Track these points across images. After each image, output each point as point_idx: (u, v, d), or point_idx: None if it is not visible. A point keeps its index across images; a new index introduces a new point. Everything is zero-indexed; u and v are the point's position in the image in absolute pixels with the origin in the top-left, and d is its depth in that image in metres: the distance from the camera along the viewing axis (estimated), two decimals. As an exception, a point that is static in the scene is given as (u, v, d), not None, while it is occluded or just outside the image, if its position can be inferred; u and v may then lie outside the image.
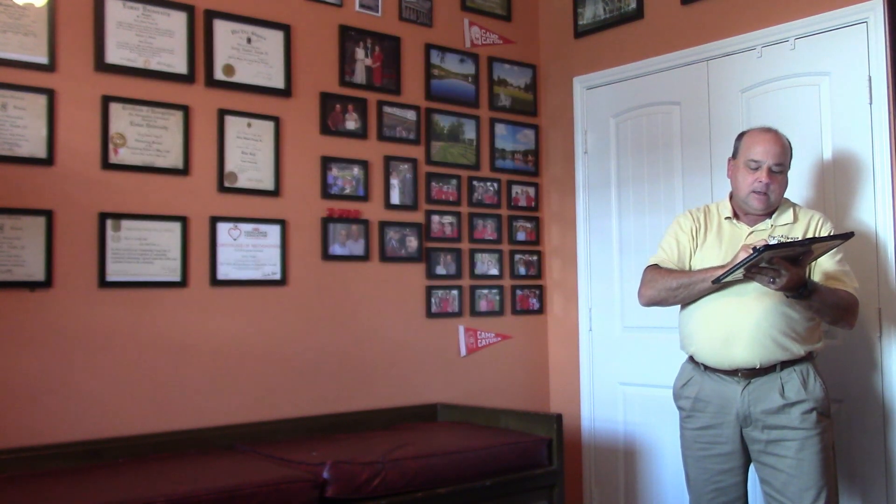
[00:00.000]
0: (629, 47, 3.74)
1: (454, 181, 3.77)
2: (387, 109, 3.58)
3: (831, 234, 2.52)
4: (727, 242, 2.61)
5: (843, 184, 3.02)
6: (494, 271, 3.89)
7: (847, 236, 2.33)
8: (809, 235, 2.54)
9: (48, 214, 2.74)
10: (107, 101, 2.88)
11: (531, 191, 4.06)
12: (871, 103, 2.94)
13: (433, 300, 3.67)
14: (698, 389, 2.61)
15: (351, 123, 3.47)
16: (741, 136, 2.67)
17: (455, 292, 3.74)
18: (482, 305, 3.84)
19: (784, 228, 2.58)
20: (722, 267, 2.44)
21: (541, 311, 4.07)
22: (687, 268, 2.66)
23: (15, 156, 2.70)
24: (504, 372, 3.91)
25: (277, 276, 3.23)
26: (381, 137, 3.55)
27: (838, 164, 3.03)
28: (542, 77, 4.14)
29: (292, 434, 3.16)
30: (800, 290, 2.34)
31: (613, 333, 3.79)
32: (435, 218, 3.70)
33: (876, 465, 2.90)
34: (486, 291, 3.86)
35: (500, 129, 3.97)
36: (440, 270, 3.70)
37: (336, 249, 3.39)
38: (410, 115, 3.66)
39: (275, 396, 3.19)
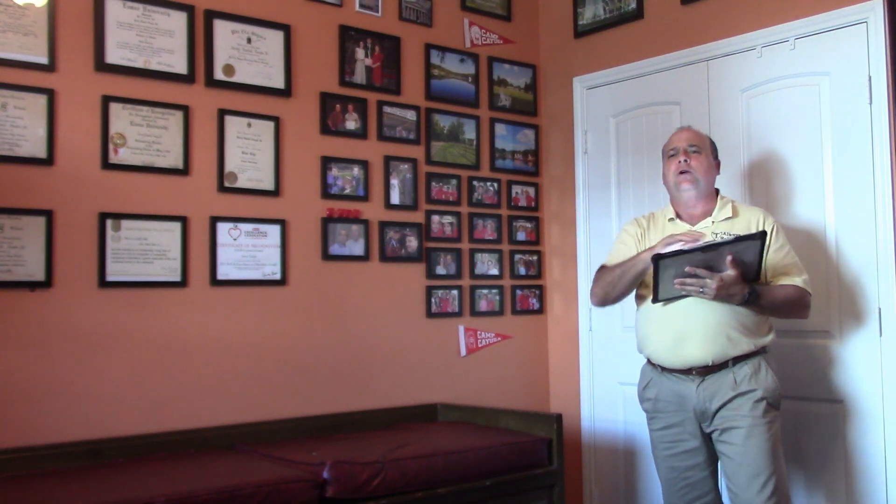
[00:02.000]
0: (629, 47, 3.74)
1: (454, 181, 3.77)
2: (387, 109, 3.58)
3: (757, 233, 2.48)
4: None
5: (843, 184, 3.02)
6: (494, 271, 3.89)
7: (757, 236, 2.42)
8: (753, 228, 2.60)
9: (48, 214, 2.74)
10: (107, 101, 2.88)
11: (531, 191, 4.06)
12: (871, 103, 2.94)
13: (433, 300, 3.67)
14: (657, 391, 2.68)
15: (351, 123, 3.47)
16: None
17: (455, 292, 3.74)
18: (482, 305, 3.84)
19: (724, 224, 2.64)
20: (649, 250, 2.56)
21: (541, 311, 4.07)
22: None
23: (15, 156, 2.70)
24: (504, 372, 3.91)
25: (277, 276, 3.23)
26: (381, 137, 3.55)
27: (838, 164, 3.03)
28: (542, 77, 4.14)
29: (292, 434, 3.16)
30: (744, 297, 2.47)
31: (613, 333, 3.79)
32: (435, 218, 3.70)
33: (875, 465, 2.90)
34: (486, 291, 3.86)
35: (500, 129, 3.97)
36: (440, 270, 3.70)
37: (336, 249, 3.39)
38: (410, 115, 3.66)
39: (275, 396, 3.19)
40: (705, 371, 2.56)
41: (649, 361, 2.74)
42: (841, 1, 3.02)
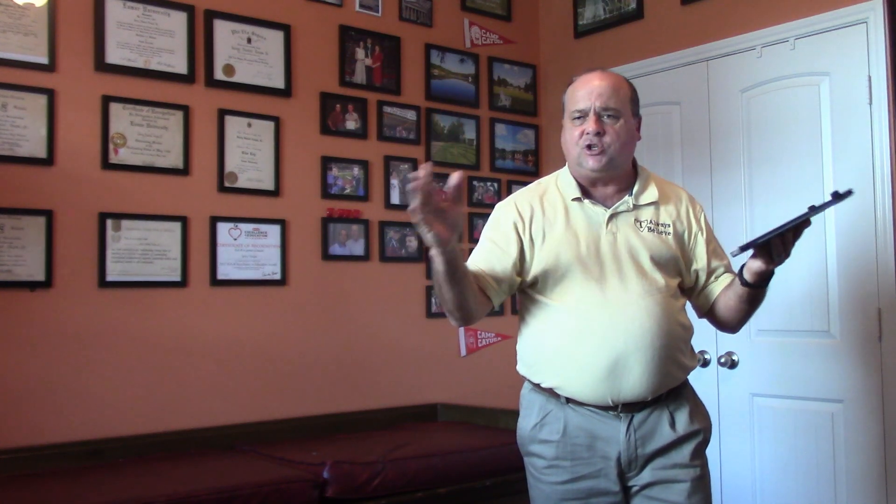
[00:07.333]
0: (629, 47, 3.73)
1: (454, 181, 3.77)
2: (387, 109, 3.58)
3: (818, 205, 1.92)
4: (585, 234, 1.96)
5: (842, 184, 3.01)
6: (494, 271, 3.88)
7: (848, 194, 1.85)
8: (683, 218, 2.02)
9: (48, 214, 2.74)
10: (107, 101, 2.88)
11: (531, 191, 4.06)
12: (870, 103, 2.94)
13: (433, 300, 3.67)
14: (561, 430, 1.95)
15: (351, 123, 3.47)
16: (566, 90, 2.07)
17: (455, 292, 3.74)
18: (482, 305, 3.84)
19: (650, 210, 1.98)
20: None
21: (541, 311, 4.07)
22: (511, 276, 2.07)
23: (15, 156, 2.70)
24: (504, 372, 3.90)
25: (277, 276, 3.23)
26: (381, 137, 3.55)
27: (838, 164, 3.03)
28: (542, 77, 4.14)
29: (292, 434, 3.16)
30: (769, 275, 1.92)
31: (613, 333, 3.78)
32: (435, 218, 3.69)
33: (876, 465, 2.90)
34: (486, 291, 3.85)
35: (500, 129, 3.98)
36: (440, 270, 3.69)
37: (336, 249, 3.39)
38: (410, 115, 3.66)
39: (275, 396, 3.19)
40: (636, 408, 1.89)
41: (539, 387, 2.02)
42: (841, 1, 3.02)
